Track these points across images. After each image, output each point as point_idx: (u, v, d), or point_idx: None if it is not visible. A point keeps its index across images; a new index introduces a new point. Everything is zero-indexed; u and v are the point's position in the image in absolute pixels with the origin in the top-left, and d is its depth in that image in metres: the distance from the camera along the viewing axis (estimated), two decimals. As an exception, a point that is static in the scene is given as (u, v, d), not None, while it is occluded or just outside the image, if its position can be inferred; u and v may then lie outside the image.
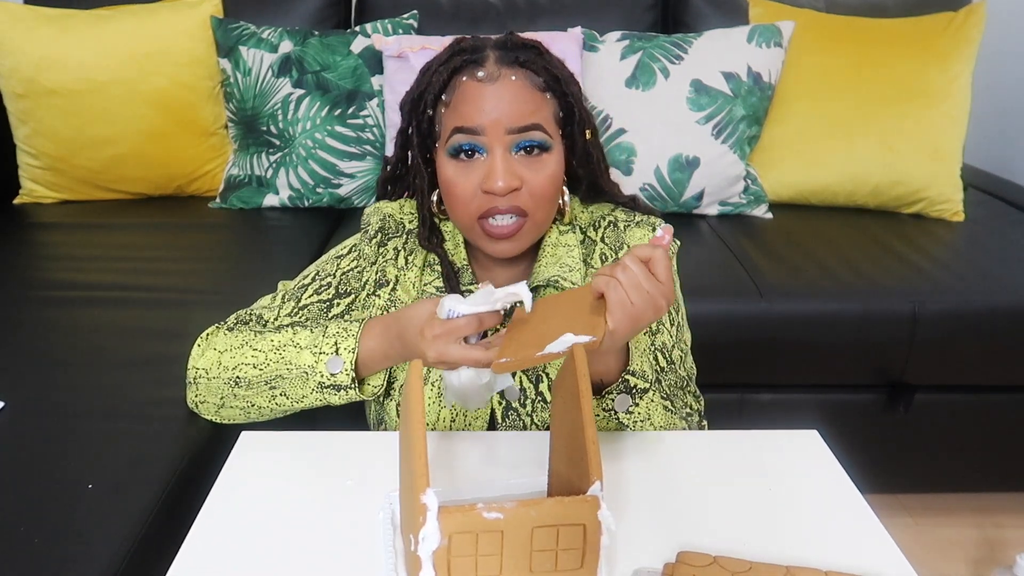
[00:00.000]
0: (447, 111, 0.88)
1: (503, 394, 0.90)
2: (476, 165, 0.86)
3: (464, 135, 0.86)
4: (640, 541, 0.69)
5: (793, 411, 1.61)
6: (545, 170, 0.87)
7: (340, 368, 0.84)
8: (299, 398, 0.87)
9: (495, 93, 0.85)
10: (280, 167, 1.87)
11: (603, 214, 0.98)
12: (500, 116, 0.85)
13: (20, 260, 1.63)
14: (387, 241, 0.96)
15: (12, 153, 1.90)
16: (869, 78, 1.84)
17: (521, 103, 0.86)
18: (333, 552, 0.68)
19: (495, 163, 0.85)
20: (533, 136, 0.86)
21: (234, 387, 0.90)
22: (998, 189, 2.06)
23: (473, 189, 0.86)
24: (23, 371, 1.17)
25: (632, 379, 0.81)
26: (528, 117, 0.86)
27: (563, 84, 0.90)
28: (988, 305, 1.53)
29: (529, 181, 0.86)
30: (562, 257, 0.93)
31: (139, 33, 1.83)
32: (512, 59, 0.88)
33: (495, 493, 0.72)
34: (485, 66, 0.87)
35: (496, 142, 0.85)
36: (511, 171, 0.85)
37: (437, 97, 0.89)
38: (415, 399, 0.58)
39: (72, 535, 0.86)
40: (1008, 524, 1.74)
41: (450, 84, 0.89)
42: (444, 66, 0.89)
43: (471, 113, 0.85)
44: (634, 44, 1.84)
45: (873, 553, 0.69)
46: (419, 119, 0.92)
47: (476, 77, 0.86)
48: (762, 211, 1.89)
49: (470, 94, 0.86)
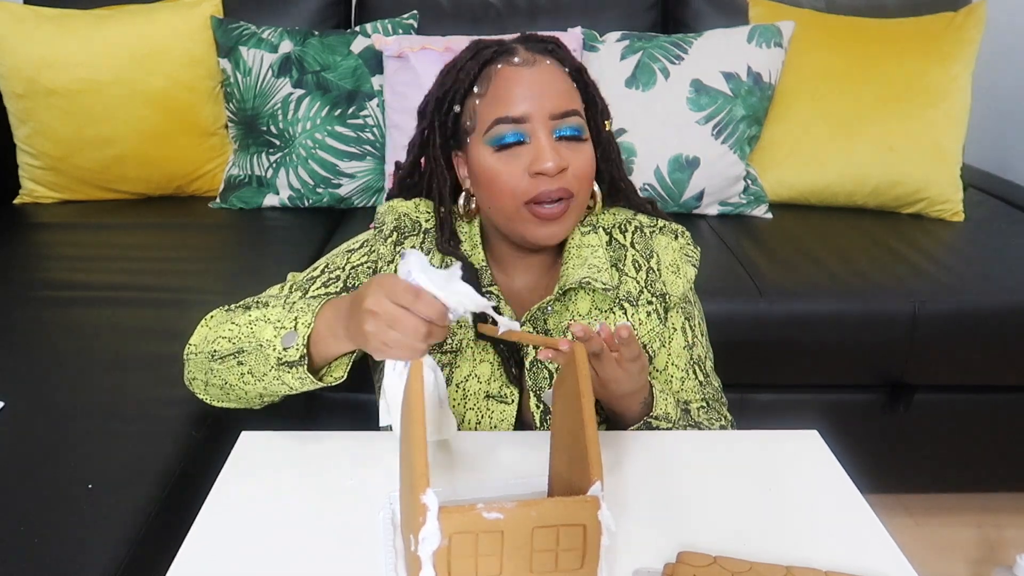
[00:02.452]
0: (482, 102, 0.87)
1: (540, 398, 0.90)
2: (520, 152, 0.86)
3: (508, 124, 0.85)
4: (640, 541, 0.69)
5: (793, 411, 1.61)
6: (586, 153, 0.88)
7: (293, 343, 0.79)
8: (261, 375, 0.82)
9: (535, 77, 0.86)
10: (280, 167, 1.87)
11: (627, 218, 0.98)
12: (543, 101, 0.85)
13: (20, 260, 1.63)
14: (403, 240, 0.94)
15: (12, 153, 1.90)
16: (869, 78, 1.84)
17: (559, 88, 0.87)
18: (333, 552, 0.68)
19: (542, 146, 0.84)
20: (572, 122, 0.86)
21: (211, 361, 0.87)
22: (998, 189, 2.06)
23: (519, 175, 0.85)
24: (23, 371, 1.17)
25: (655, 422, 0.84)
26: (567, 102, 0.86)
27: (584, 74, 0.91)
28: (988, 305, 1.53)
29: (573, 163, 0.86)
30: (588, 258, 0.93)
31: (139, 33, 1.83)
32: (542, 48, 0.89)
33: (495, 493, 0.72)
34: (519, 54, 0.87)
35: (540, 127, 0.85)
36: (559, 152, 0.85)
37: (467, 91, 0.88)
38: (415, 399, 0.58)
39: (72, 535, 0.86)
40: (1008, 524, 1.74)
41: (482, 75, 0.88)
42: (473, 60, 0.89)
43: (513, 100, 0.85)
44: (634, 44, 1.84)
45: (873, 553, 0.69)
46: (443, 119, 0.91)
47: (512, 63, 0.86)
48: (762, 211, 1.89)
49: (509, 80, 0.86)
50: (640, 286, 0.94)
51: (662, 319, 0.94)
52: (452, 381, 0.90)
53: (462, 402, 0.89)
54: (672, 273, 0.95)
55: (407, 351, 0.71)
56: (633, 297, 0.93)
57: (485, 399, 0.90)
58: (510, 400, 0.90)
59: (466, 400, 0.89)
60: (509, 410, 0.90)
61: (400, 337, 0.70)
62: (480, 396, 0.90)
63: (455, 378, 0.90)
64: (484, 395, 0.90)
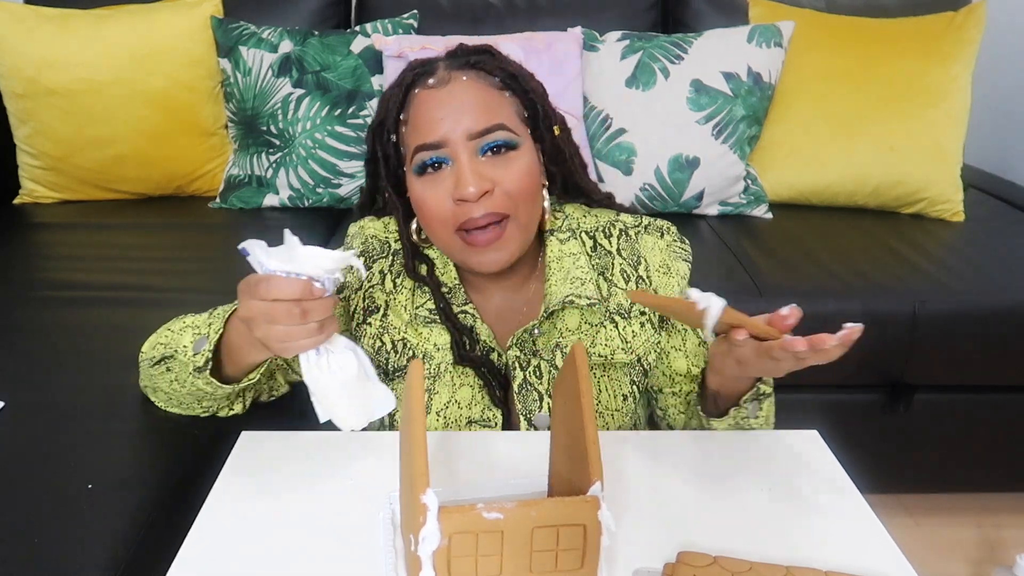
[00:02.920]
0: (407, 130, 0.85)
1: (531, 422, 0.88)
2: (443, 176, 0.82)
3: (426, 151, 0.82)
4: (640, 541, 0.69)
5: (793, 411, 1.61)
6: (516, 166, 0.82)
7: (202, 348, 0.78)
8: (183, 381, 0.81)
9: (448, 98, 0.82)
10: (280, 167, 1.87)
11: (610, 220, 0.94)
12: (458, 121, 0.81)
13: (20, 260, 1.63)
14: (371, 264, 0.92)
15: (12, 153, 1.90)
16: (869, 78, 1.84)
17: (478, 104, 0.82)
18: (333, 552, 0.68)
19: (462, 169, 0.80)
20: (497, 136, 0.82)
21: (149, 367, 0.87)
22: (998, 189, 2.06)
23: (444, 201, 0.81)
24: (23, 371, 1.17)
25: (762, 385, 0.82)
26: (488, 118, 0.82)
27: (521, 81, 0.86)
28: (988, 305, 1.53)
29: (501, 181, 0.81)
30: (570, 269, 0.89)
31: (139, 33, 1.84)
32: (462, 63, 0.85)
33: (495, 493, 0.72)
34: (435, 74, 0.84)
35: (460, 149, 0.81)
36: (479, 174, 0.80)
37: (396, 119, 0.86)
38: (415, 399, 0.58)
39: (72, 535, 0.86)
40: (1008, 524, 1.74)
41: (406, 101, 0.85)
42: (398, 87, 0.86)
43: (428, 125, 0.82)
44: (634, 44, 1.84)
45: (873, 553, 0.69)
46: (384, 147, 0.88)
47: (427, 85, 0.83)
48: (762, 211, 1.89)
49: (424, 105, 0.83)
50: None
51: (656, 328, 0.92)
52: (431, 409, 0.88)
53: (443, 430, 0.87)
54: (663, 275, 0.92)
55: (302, 339, 0.68)
56: (625, 310, 0.91)
57: (467, 424, 0.88)
58: (493, 424, 0.88)
59: (448, 427, 0.88)
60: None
61: (284, 329, 0.68)
62: (462, 422, 0.88)
63: (434, 406, 0.88)
64: (466, 421, 0.88)
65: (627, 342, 0.90)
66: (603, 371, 0.91)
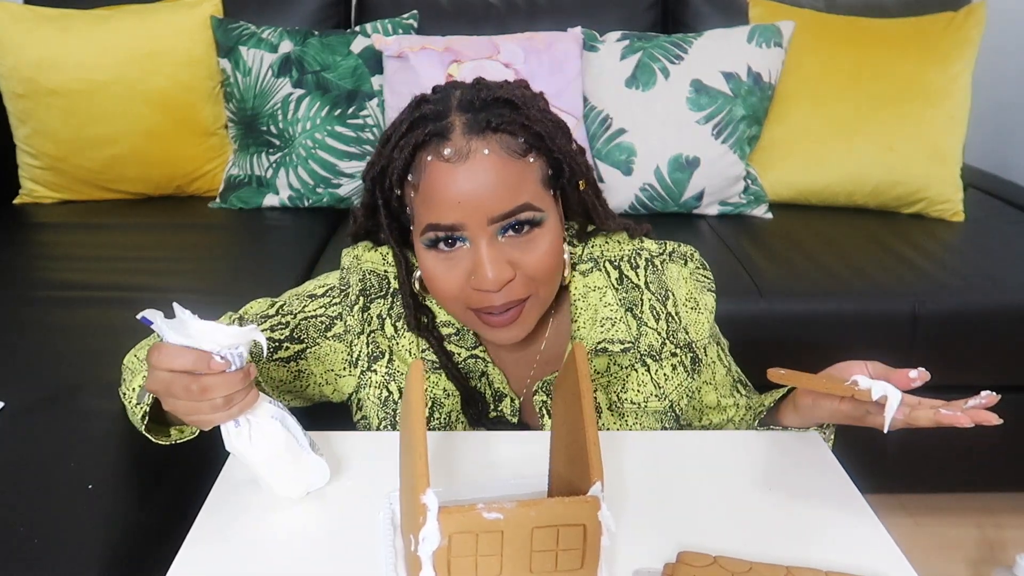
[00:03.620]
0: (417, 196, 0.75)
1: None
2: (459, 256, 0.75)
3: (440, 231, 0.74)
4: (640, 541, 0.69)
5: (793, 411, 1.61)
6: (541, 247, 0.75)
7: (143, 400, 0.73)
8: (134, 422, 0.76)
9: (468, 176, 0.71)
10: (280, 167, 1.87)
11: (635, 248, 0.87)
12: (479, 205, 0.72)
13: (20, 260, 1.63)
14: (369, 305, 0.86)
15: (12, 153, 1.90)
16: (869, 78, 1.84)
17: (501, 184, 0.72)
18: (333, 552, 0.68)
19: (480, 257, 0.73)
20: (520, 217, 0.74)
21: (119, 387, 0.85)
22: (998, 189, 2.06)
23: (460, 284, 0.75)
24: (23, 371, 1.17)
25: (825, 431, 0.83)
26: (512, 199, 0.73)
27: (547, 140, 0.75)
28: (988, 305, 1.53)
29: (524, 265, 0.75)
30: (597, 308, 0.84)
31: (139, 33, 1.84)
32: (483, 125, 0.73)
33: (495, 493, 0.72)
34: (451, 139, 0.72)
35: (479, 234, 0.73)
36: (501, 262, 0.73)
37: (402, 177, 0.76)
38: (415, 399, 0.58)
39: (72, 535, 0.86)
40: (1008, 524, 1.74)
41: (415, 163, 0.75)
42: (405, 140, 0.74)
43: (443, 208, 0.72)
44: (634, 44, 1.84)
45: (873, 553, 0.69)
46: (385, 195, 0.79)
47: (442, 156, 0.72)
48: (762, 211, 1.89)
49: (438, 181, 0.72)
50: (662, 337, 0.85)
51: (689, 372, 0.87)
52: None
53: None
54: (691, 310, 0.87)
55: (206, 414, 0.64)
56: (656, 351, 0.85)
57: None
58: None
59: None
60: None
61: (185, 404, 0.64)
62: None
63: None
64: None
65: (660, 387, 0.86)
66: (635, 418, 0.86)
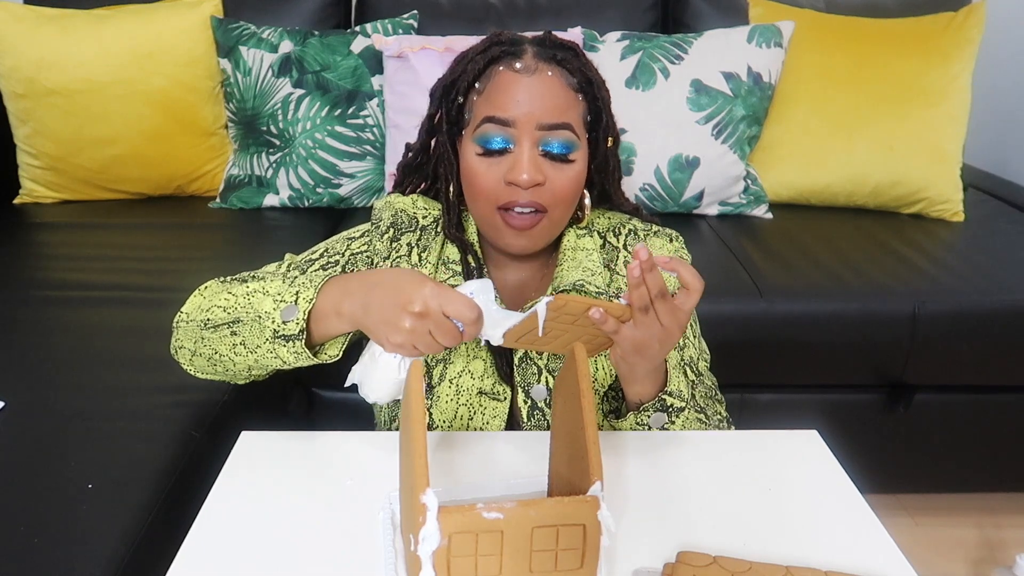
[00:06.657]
0: (479, 99, 0.89)
1: (529, 393, 0.90)
2: (502, 161, 0.87)
3: (495, 125, 0.86)
4: (640, 541, 0.69)
5: (793, 411, 1.61)
6: (569, 173, 0.88)
7: (293, 316, 0.78)
8: (254, 347, 0.81)
9: (530, 86, 0.85)
10: (280, 167, 1.87)
11: (621, 221, 0.99)
12: (533, 109, 0.85)
13: (20, 260, 1.63)
14: (399, 236, 0.95)
15: (12, 153, 1.90)
16: (869, 78, 1.84)
17: (555, 99, 0.86)
18: (333, 552, 0.68)
19: (522, 156, 0.85)
20: (561, 137, 0.86)
21: (203, 329, 0.87)
22: (998, 189, 2.06)
23: (496, 181, 0.87)
24: (23, 371, 1.17)
25: (669, 399, 0.83)
26: (560, 115, 0.86)
27: (595, 88, 0.90)
28: (988, 305, 1.53)
29: (553, 180, 0.87)
30: (582, 261, 0.94)
31: (139, 33, 1.83)
32: (550, 55, 0.88)
33: (495, 493, 0.72)
34: (523, 58, 0.87)
35: (525, 135, 0.85)
36: (537, 166, 0.85)
37: (471, 85, 0.89)
38: (415, 399, 0.58)
39: (72, 535, 0.86)
40: (1008, 524, 1.74)
41: (486, 72, 0.89)
42: (481, 55, 0.89)
43: (505, 103, 0.86)
44: (634, 44, 1.84)
45: (873, 553, 0.69)
46: (449, 106, 0.91)
47: (513, 68, 0.87)
48: (762, 211, 1.89)
49: (505, 84, 0.86)
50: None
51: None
52: (446, 377, 0.90)
53: (455, 398, 0.90)
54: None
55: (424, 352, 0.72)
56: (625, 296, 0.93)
57: (478, 395, 0.90)
58: (503, 397, 0.91)
59: (459, 396, 0.90)
60: (501, 407, 0.91)
61: (434, 344, 0.71)
62: (473, 392, 0.90)
63: (448, 374, 0.90)
64: (477, 391, 0.90)
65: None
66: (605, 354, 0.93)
